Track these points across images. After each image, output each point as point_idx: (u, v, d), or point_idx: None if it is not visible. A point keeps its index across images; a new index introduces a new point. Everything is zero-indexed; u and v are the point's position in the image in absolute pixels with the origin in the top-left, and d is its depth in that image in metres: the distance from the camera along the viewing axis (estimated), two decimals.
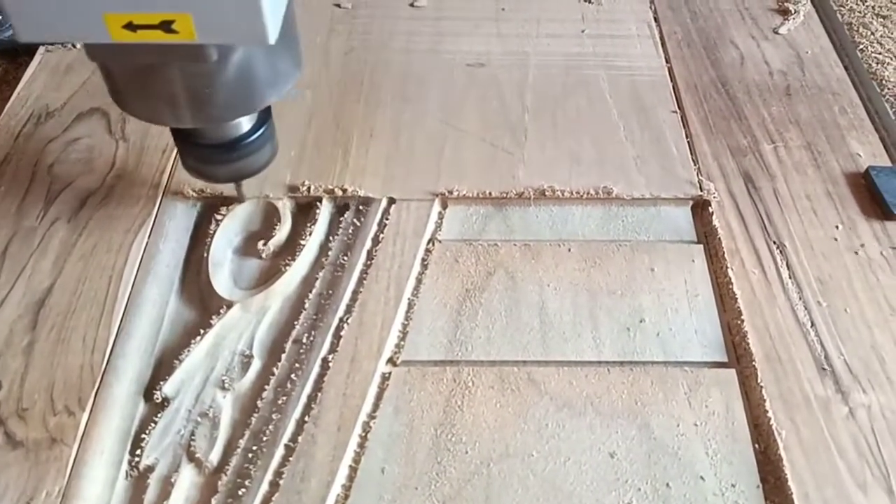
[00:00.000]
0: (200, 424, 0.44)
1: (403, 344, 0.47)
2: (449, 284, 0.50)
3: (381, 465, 0.42)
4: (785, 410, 0.44)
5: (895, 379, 0.45)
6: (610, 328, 0.48)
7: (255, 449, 0.42)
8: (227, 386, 0.45)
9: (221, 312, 0.48)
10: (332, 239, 0.53)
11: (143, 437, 0.43)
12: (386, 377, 0.45)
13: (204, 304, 0.49)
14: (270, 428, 0.43)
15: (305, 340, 0.47)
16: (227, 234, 0.53)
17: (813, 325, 0.48)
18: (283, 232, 0.53)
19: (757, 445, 0.43)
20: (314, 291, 0.50)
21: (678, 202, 0.56)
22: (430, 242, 0.53)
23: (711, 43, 0.70)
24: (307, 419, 0.43)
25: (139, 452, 0.42)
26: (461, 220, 0.55)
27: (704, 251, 0.53)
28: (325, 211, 0.54)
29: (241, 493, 0.40)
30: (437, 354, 0.47)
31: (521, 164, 0.58)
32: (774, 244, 0.52)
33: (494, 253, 0.52)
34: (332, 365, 0.46)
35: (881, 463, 0.41)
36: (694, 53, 0.69)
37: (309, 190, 0.55)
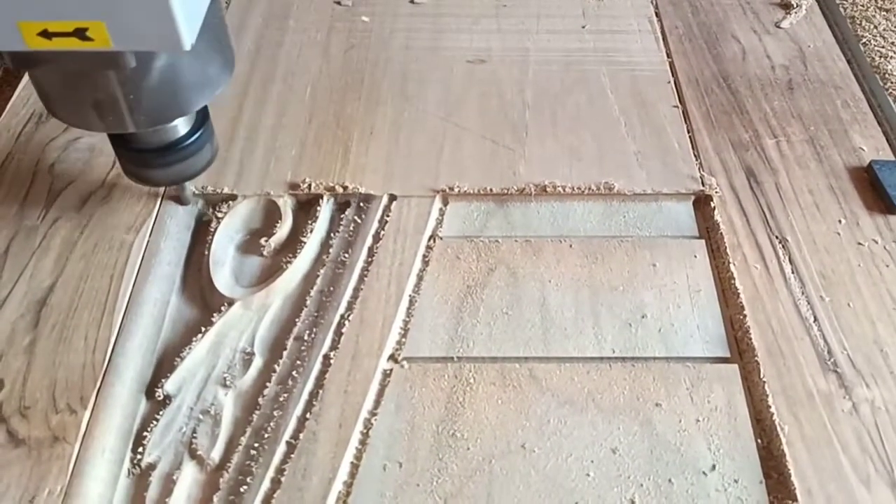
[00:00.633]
0: (202, 422, 0.44)
1: (405, 341, 0.47)
2: (450, 281, 0.50)
3: (382, 461, 0.42)
4: (787, 406, 0.43)
5: None
6: (611, 324, 0.48)
7: (256, 446, 0.42)
8: (228, 383, 0.45)
9: (223, 310, 0.48)
10: (333, 236, 0.53)
11: (144, 434, 0.43)
12: (387, 374, 0.45)
13: (205, 301, 0.49)
14: (272, 425, 0.43)
15: (307, 338, 0.47)
16: (228, 231, 0.53)
17: (816, 319, 0.48)
18: (284, 229, 0.53)
19: (760, 441, 0.43)
20: (315, 288, 0.50)
21: (680, 197, 0.56)
22: (430, 239, 0.53)
23: (713, 37, 0.70)
24: (308, 416, 0.43)
25: (141, 450, 0.42)
26: (462, 216, 0.55)
27: (706, 246, 0.52)
28: (325, 208, 0.54)
29: (242, 490, 0.40)
30: (438, 351, 0.47)
31: (521, 160, 0.58)
32: (777, 239, 0.52)
33: (495, 249, 0.52)
34: (333, 362, 0.46)
35: (884, 458, 0.41)
36: (695, 48, 0.69)
37: (310, 187, 0.55)
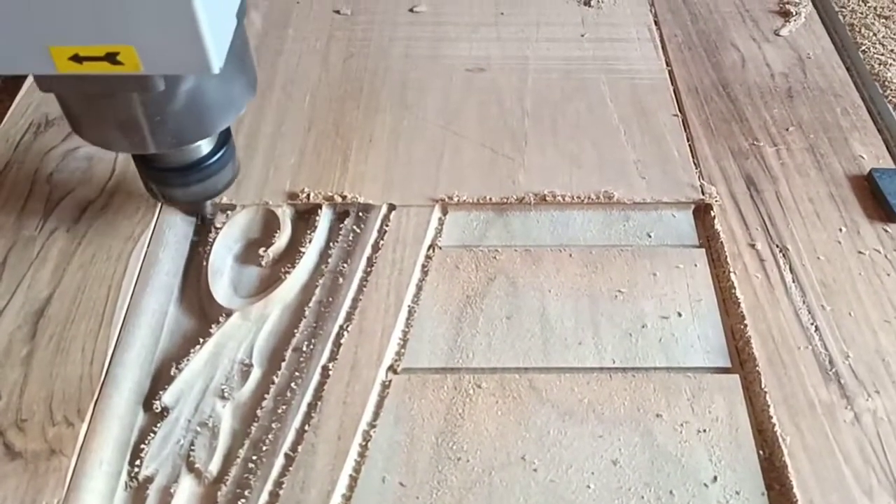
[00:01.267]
0: (200, 434, 0.43)
1: (404, 351, 0.47)
2: (449, 291, 0.50)
3: (381, 474, 0.41)
4: (789, 416, 0.43)
5: None
6: (612, 334, 0.48)
7: (254, 458, 0.42)
8: (226, 395, 0.45)
9: (221, 321, 0.48)
10: (331, 246, 0.53)
11: (142, 447, 0.43)
12: (386, 385, 0.45)
13: (203, 312, 0.49)
14: (270, 437, 0.43)
15: (305, 348, 0.47)
16: (226, 241, 0.53)
17: (817, 329, 0.47)
18: (282, 239, 0.53)
19: (761, 452, 0.42)
20: (314, 299, 0.49)
21: (680, 206, 0.55)
22: (430, 249, 0.52)
23: (712, 45, 0.70)
24: (307, 428, 0.43)
25: (138, 463, 0.42)
26: (461, 226, 0.54)
27: (706, 255, 0.52)
28: (324, 218, 0.54)
29: (241, 503, 0.40)
30: (437, 362, 0.46)
31: (521, 168, 0.57)
32: (777, 247, 0.52)
33: (495, 259, 0.52)
34: (332, 373, 0.45)
35: (887, 469, 0.41)
36: (694, 56, 0.69)
37: (308, 197, 0.55)
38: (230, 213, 0.54)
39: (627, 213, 0.55)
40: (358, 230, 0.53)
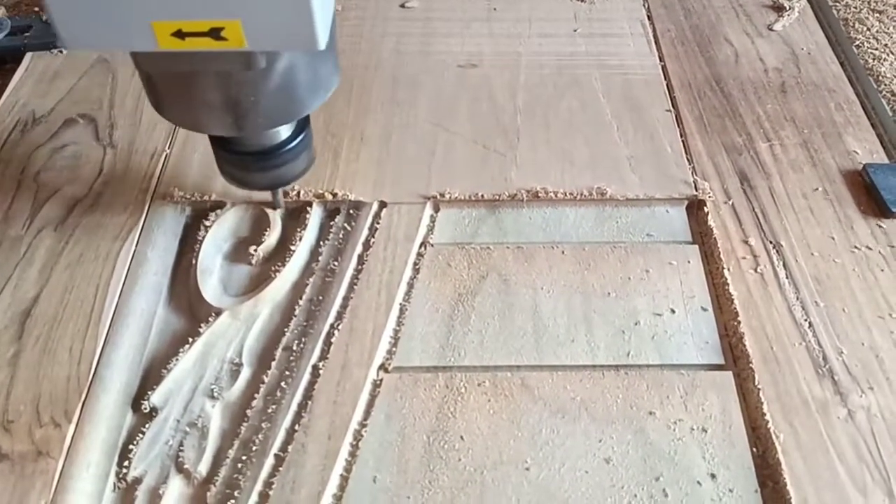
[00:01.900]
0: (189, 434, 0.43)
1: (395, 350, 0.46)
2: (441, 289, 0.50)
3: (372, 473, 0.41)
4: (783, 413, 0.43)
5: (894, 380, 0.44)
6: (604, 331, 0.47)
7: (244, 459, 0.42)
8: (215, 395, 0.44)
9: (210, 320, 0.47)
10: (322, 244, 0.52)
11: (130, 448, 0.42)
12: (377, 384, 0.45)
13: (192, 311, 0.49)
14: (260, 437, 0.42)
15: (296, 348, 0.46)
16: (215, 240, 0.52)
17: (811, 325, 0.47)
18: (272, 237, 0.52)
19: (755, 449, 0.42)
20: (304, 297, 0.49)
21: (673, 202, 0.55)
22: (421, 246, 0.52)
23: (705, 40, 0.70)
24: (297, 428, 0.43)
25: (127, 464, 0.42)
26: (453, 223, 0.54)
27: (700, 252, 0.52)
28: (315, 216, 0.54)
29: (230, 503, 0.40)
30: (429, 360, 0.46)
31: (513, 165, 0.57)
32: (771, 244, 0.52)
33: (487, 256, 0.51)
34: (322, 372, 0.45)
35: (881, 466, 0.41)
36: (688, 51, 0.68)
37: (299, 195, 0.54)
38: (220, 211, 0.53)
39: (620, 209, 0.55)
40: (349, 228, 0.53)
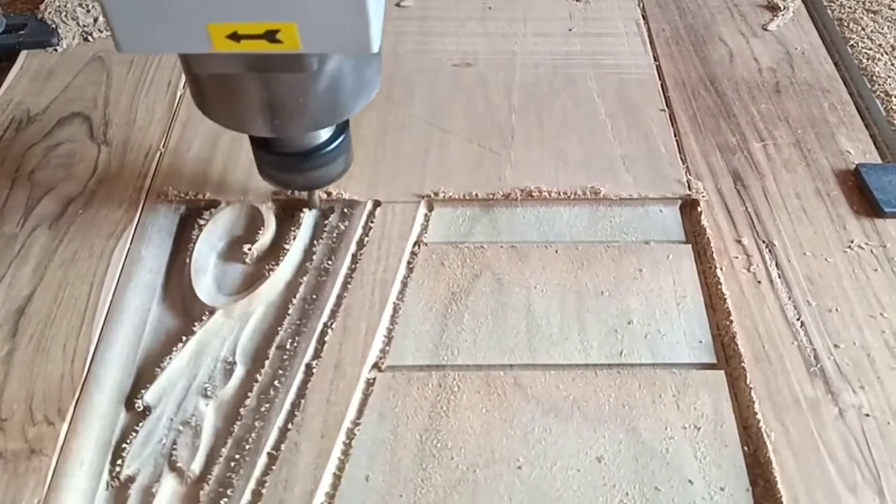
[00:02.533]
0: (182, 433, 0.43)
1: (388, 349, 0.47)
2: (435, 288, 0.50)
3: (365, 472, 0.41)
4: (774, 412, 0.43)
5: (885, 379, 0.45)
6: (597, 330, 0.47)
7: (237, 457, 0.42)
8: (209, 394, 0.45)
9: (204, 319, 0.47)
10: (316, 243, 0.52)
11: (123, 446, 0.42)
12: (371, 383, 0.45)
13: (186, 310, 0.49)
14: (253, 436, 0.42)
15: (289, 346, 0.46)
16: (210, 238, 0.52)
17: (803, 324, 0.47)
18: (266, 236, 0.52)
19: (746, 448, 0.42)
20: (298, 296, 0.49)
21: (666, 202, 0.55)
22: (415, 245, 0.52)
23: (700, 40, 0.70)
24: (290, 427, 0.43)
25: (120, 462, 0.42)
26: (447, 222, 0.54)
27: (693, 251, 0.52)
28: (309, 215, 0.54)
29: (223, 502, 0.40)
30: (422, 359, 0.46)
31: (507, 164, 0.57)
32: (763, 243, 0.52)
33: (481, 255, 0.52)
34: (316, 371, 0.45)
35: (871, 465, 0.41)
36: (682, 51, 0.68)
37: (293, 193, 0.54)
38: (214, 209, 0.54)
39: (614, 208, 0.55)
40: (343, 227, 0.53)
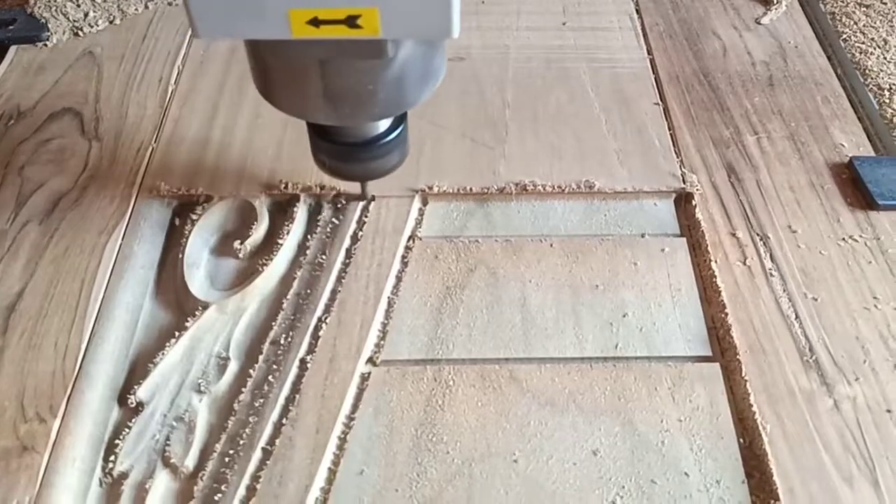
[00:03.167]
0: (176, 429, 0.43)
1: (383, 343, 0.46)
2: (429, 282, 0.49)
3: (360, 466, 0.41)
4: (769, 404, 0.43)
5: (879, 370, 0.45)
6: (592, 324, 0.47)
7: (231, 453, 0.41)
8: (202, 389, 0.44)
9: (197, 314, 0.47)
10: (310, 237, 0.52)
11: (116, 443, 0.42)
12: (365, 377, 0.45)
13: (179, 305, 0.48)
14: (247, 431, 0.42)
15: (283, 341, 0.46)
16: (202, 233, 0.52)
17: (797, 317, 0.47)
18: (260, 231, 0.52)
19: (742, 440, 0.42)
20: (292, 291, 0.49)
21: (661, 195, 0.55)
22: (410, 240, 0.52)
23: (693, 34, 0.70)
24: (285, 421, 0.42)
25: (113, 459, 0.41)
26: (442, 216, 0.54)
27: (687, 244, 0.52)
28: (302, 209, 0.53)
29: (217, 498, 0.40)
30: (417, 353, 0.46)
31: (501, 159, 0.57)
32: (758, 236, 0.52)
33: (475, 249, 0.51)
34: (310, 366, 0.45)
35: (866, 456, 0.41)
36: (676, 45, 0.68)
37: (286, 188, 0.54)
38: (206, 204, 0.53)
39: (608, 202, 0.55)
40: (337, 221, 0.53)
